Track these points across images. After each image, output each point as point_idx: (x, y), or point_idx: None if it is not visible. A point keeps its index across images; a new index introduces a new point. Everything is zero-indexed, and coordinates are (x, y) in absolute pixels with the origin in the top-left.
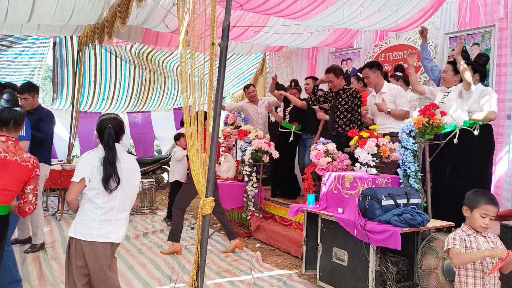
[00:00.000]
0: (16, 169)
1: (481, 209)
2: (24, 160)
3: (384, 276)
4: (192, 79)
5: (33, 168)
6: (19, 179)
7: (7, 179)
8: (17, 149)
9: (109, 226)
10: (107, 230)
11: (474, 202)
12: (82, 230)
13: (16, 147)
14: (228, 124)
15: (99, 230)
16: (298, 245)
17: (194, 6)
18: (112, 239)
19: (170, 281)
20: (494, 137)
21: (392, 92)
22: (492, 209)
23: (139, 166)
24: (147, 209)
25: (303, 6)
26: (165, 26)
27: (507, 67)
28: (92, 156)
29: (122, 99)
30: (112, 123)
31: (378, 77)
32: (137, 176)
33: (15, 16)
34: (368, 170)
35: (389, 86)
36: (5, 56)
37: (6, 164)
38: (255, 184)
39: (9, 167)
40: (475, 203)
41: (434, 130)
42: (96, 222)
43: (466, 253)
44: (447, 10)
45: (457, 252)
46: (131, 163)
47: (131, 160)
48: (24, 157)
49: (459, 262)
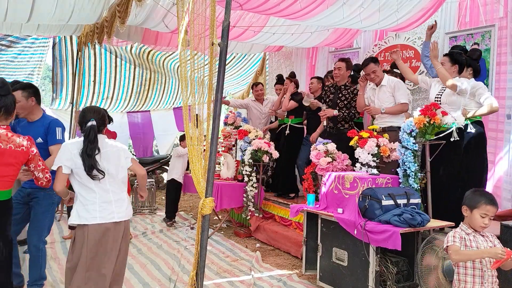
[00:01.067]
0: (12, 155)
1: (481, 209)
2: (17, 145)
3: (384, 276)
4: (192, 79)
5: (28, 150)
6: (16, 164)
7: (3, 166)
8: (9, 136)
9: (110, 207)
10: (109, 211)
11: (474, 202)
12: (85, 215)
13: (8, 134)
14: (228, 124)
15: (101, 213)
16: (298, 245)
17: (194, 6)
18: (116, 219)
19: (170, 281)
20: (494, 136)
21: (391, 84)
22: (492, 209)
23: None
24: (146, 209)
25: (303, 6)
26: (164, 26)
27: (507, 66)
28: (72, 145)
29: (122, 98)
30: (95, 117)
31: (380, 71)
32: (123, 155)
33: (14, 16)
34: (368, 170)
35: (388, 78)
36: (4, 56)
37: (1, 153)
38: (255, 184)
39: (4, 155)
40: (475, 203)
41: (435, 130)
42: (96, 205)
43: (466, 251)
44: (447, 10)
45: (456, 249)
46: (113, 146)
47: (113, 143)
48: (17, 142)
49: (458, 259)
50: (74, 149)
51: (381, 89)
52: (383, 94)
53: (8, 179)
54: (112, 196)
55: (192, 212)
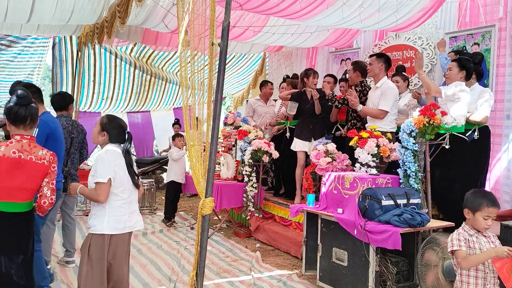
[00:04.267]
0: (32, 167)
1: (484, 212)
2: (39, 158)
3: (384, 276)
4: (192, 80)
5: (49, 164)
6: (36, 176)
7: (24, 178)
8: (31, 147)
9: (135, 217)
10: (135, 220)
11: (477, 205)
12: (117, 226)
13: (31, 145)
14: (227, 124)
15: (129, 222)
16: (298, 245)
17: (194, 6)
18: (138, 227)
19: (170, 282)
20: (493, 137)
21: (383, 88)
22: (494, 210)
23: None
24: (146, 209)
25: (303, 6)
26: (164, 26)
27: (506, 68)
28: (111, 156)
29: (122, 99)
30: (127, 129)
31: (379, 69)
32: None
33: (14, 16)
34: (368, 170)
35: (384, 82)
36: (4, 56)
37: (22, 164)
38: (255, 184)
39: (24, 166)
40: (477, 206)
41: (435, 130)
42: (126, 216)
43: (473, 256)
44: (447, 10)
45: (464, 255)
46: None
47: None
48: (40, 155)
49: (468, 266)
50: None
51: (375, 91)
52: (375, 96)
53: (27, 191)
54: (134, 206)
55: (192, 212)
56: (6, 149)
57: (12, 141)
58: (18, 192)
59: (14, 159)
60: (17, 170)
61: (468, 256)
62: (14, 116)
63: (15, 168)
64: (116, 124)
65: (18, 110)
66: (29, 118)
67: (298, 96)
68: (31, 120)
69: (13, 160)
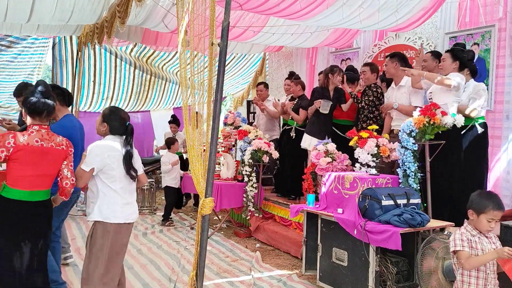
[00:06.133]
0: (54, 153)
1: (489, 214)
2: (58, 144)
3: (384, 276)
4: (192, 80)
5: (67, 149)
6: (57, 162)
7: (47, 165)
8: (50, 135)
9: (130, 208)
10: (129, 212)
11: (482, 207)
12: (108, 214)
13: (49, 134)
14: (227, 124)
15: (122, 213)
16: (298, 245)
17: (193, 6)
18: (131, 219)
19: (170, 282)
20: (493, 138)
21: (408, 85)
22: (499, 213)
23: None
24: (146, 209)
25: (303, 6)
26: (164, 26)
27: (505, 69)
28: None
29: (122, 98)
30: (129, 121)
31: (396, 69)
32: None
33: (14, 16)
34: (368, 170)
35: (408, 79)
36: (4, 56)
37: (45, 152)
38: (255, 184)
39: (48, 154)
40: (482, 208)
41: (435, 130)
42: (118, 206)
43: (476, 257)
44: (447, 10)
45: (467, 256)
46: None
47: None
48: (58, 141)
49: (471, 267)
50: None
51: (399, 89)
52: (401, 94)
53: (49, 179)
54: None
55: (191, 212)
56: (29, 138)
57: (33, 130)
58: (41, 179)
59: (38, 147)
60: (42, 159)
61: (470, 257)
62: (32, 107)
63: (40, 157)
64: (116, 117)
65: (36, 103)
66: (46, 111)
67: (321, 92)
68: (47, 113)
69: (37, 149)
